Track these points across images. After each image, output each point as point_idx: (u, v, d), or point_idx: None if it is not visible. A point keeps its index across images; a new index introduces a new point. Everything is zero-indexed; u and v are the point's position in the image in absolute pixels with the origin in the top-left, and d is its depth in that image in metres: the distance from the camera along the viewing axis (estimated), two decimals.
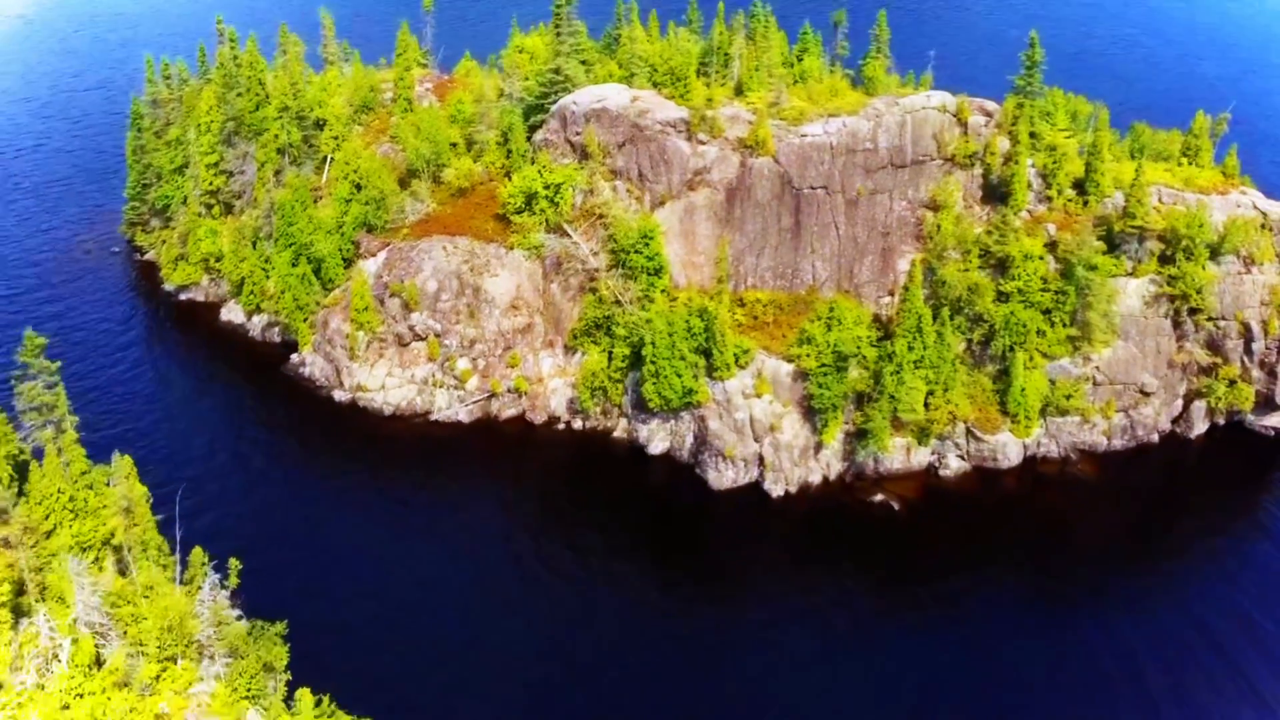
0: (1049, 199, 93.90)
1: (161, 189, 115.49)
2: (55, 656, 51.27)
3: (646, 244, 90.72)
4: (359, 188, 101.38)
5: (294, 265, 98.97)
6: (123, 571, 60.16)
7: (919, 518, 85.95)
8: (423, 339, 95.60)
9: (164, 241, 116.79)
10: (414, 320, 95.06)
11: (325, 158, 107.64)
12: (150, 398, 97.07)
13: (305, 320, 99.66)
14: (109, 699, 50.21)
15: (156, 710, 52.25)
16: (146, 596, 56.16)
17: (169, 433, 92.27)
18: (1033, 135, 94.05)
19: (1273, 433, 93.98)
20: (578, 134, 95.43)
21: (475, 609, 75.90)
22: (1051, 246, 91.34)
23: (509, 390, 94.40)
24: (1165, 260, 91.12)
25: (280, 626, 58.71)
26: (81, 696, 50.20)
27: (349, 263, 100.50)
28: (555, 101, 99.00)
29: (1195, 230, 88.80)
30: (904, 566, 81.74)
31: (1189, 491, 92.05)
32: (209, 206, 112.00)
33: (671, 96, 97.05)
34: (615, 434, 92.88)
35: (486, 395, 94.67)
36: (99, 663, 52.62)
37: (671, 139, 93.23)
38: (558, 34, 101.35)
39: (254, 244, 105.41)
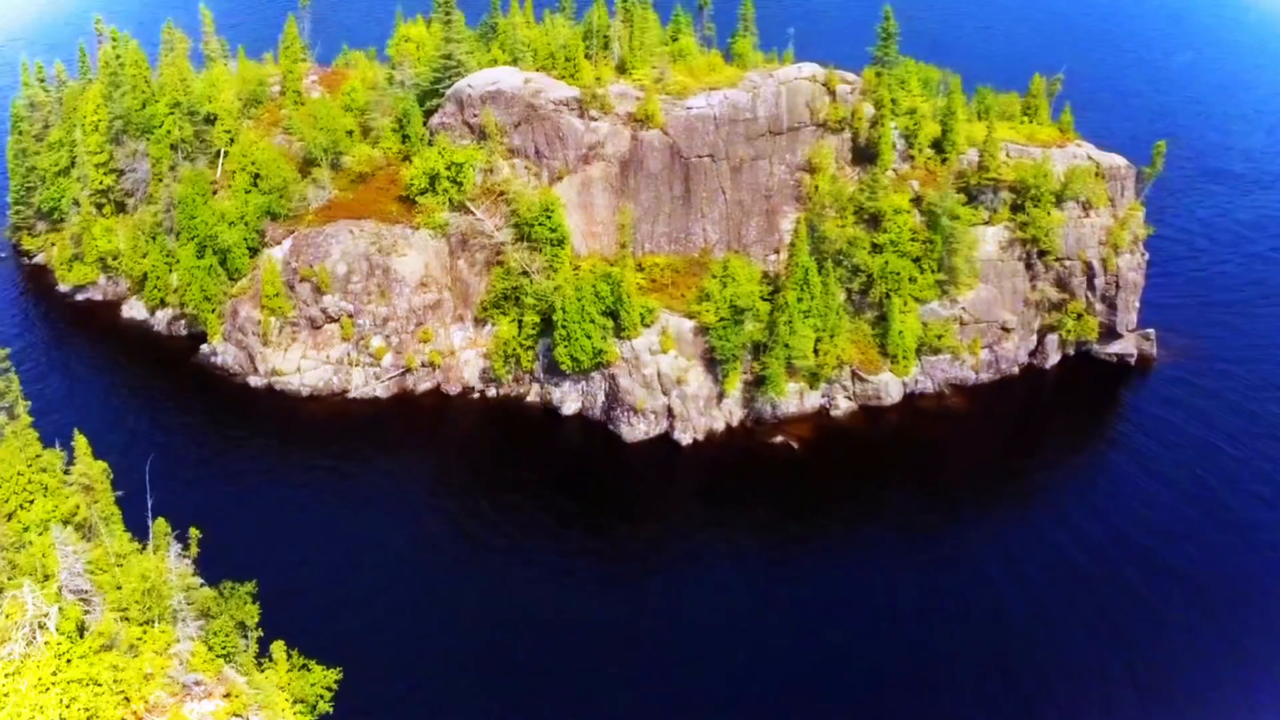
0: (911, 158, 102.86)
1: (47, 191, 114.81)
2: (42, 625, 53.80)
3: (548, 217, 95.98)
4: (258, 178, 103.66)
5: (199, 257, 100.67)
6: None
7: (815, 455, 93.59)
8: (335, 320, 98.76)
9: (53, 244, 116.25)
10: (326, 303, 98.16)
11: (219, 151, 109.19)
12: (61, 398, 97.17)
13: (213, 311, 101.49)
14: (99, 662, 53.06)
15: (143, 670, 55.27)
16: (120, 564, 58.94)
17: (87, 430, 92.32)
18: (892, 101, 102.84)
19: (1115, 359, 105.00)
20: (475, 116, 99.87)
21: (416, 566, 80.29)
22: (916, 201, 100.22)
23: (423, 364, 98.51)
24: (1016, 209, 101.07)
25: (251, 586, 62.09)
26: (71, 661, 52.97)
27: (254, 252, 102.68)
28: (449, 86, 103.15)
29: (1041, 180, 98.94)
30: (805, 499, 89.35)
31: (1048, 415, 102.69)
32: (99, 206, 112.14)
33: (561, 77, 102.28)
34: (529, 399, 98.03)
35: (402, 371, 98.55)
36: (82, 630, 55.25)
37: (565, 117, 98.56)
38: (448, 22, 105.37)
39: (153, 239, 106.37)
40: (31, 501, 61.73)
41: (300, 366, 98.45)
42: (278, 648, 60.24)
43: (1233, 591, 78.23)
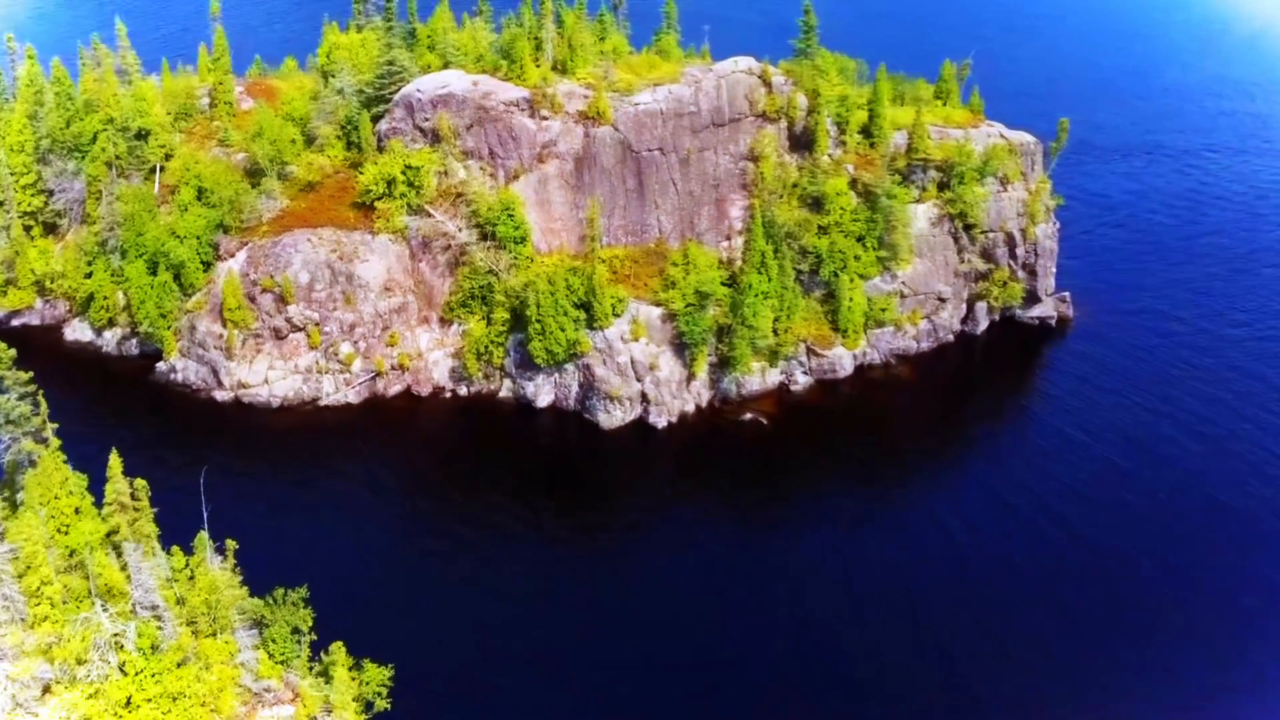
0: (843, 144, 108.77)
1: None
2: (119, 644, 54.15)
3: (510, 216, 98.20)
4: (203, 192, 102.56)
5: (152, 274, 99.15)
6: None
7: (780, 429, 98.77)
8: (301, 329, 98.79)
9: None
10: (291, 312, 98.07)
11: (155, 167, 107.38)
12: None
13: (169, 328, 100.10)
14: (185, 675, 53.86)
15: (222, 681, 56.08)
16: (175, 580, 59.37)
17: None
18: (814, 92, 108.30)
19: (1037, 322, 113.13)
20: (426, 120, 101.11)
21: (404, 564, 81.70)
22: (852, 183, 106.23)
23: (393, 368, 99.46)
24: (942, 186, 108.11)
25: (303, 591, 62.97)
26: (157, 676, 53.58)
27: (207, 266, 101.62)
28: (394, 92, 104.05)
29: (965, 159, 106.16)
30: (775, 470, 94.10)
31: (982, 377, 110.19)
32: (27, 229, 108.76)
33: (507, 79, 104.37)
34: (501, 394, 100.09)
35: (371, 375, 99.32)
36: (154, 646, 55.71)
37: (516, 117, 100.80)
38: (389, 28, 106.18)
39: (94, 259, 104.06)
40: (67, 527, 61.31)
41: (268, 378, 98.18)
42: (337, 648, 61.53)
43: (1141, 506, 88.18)
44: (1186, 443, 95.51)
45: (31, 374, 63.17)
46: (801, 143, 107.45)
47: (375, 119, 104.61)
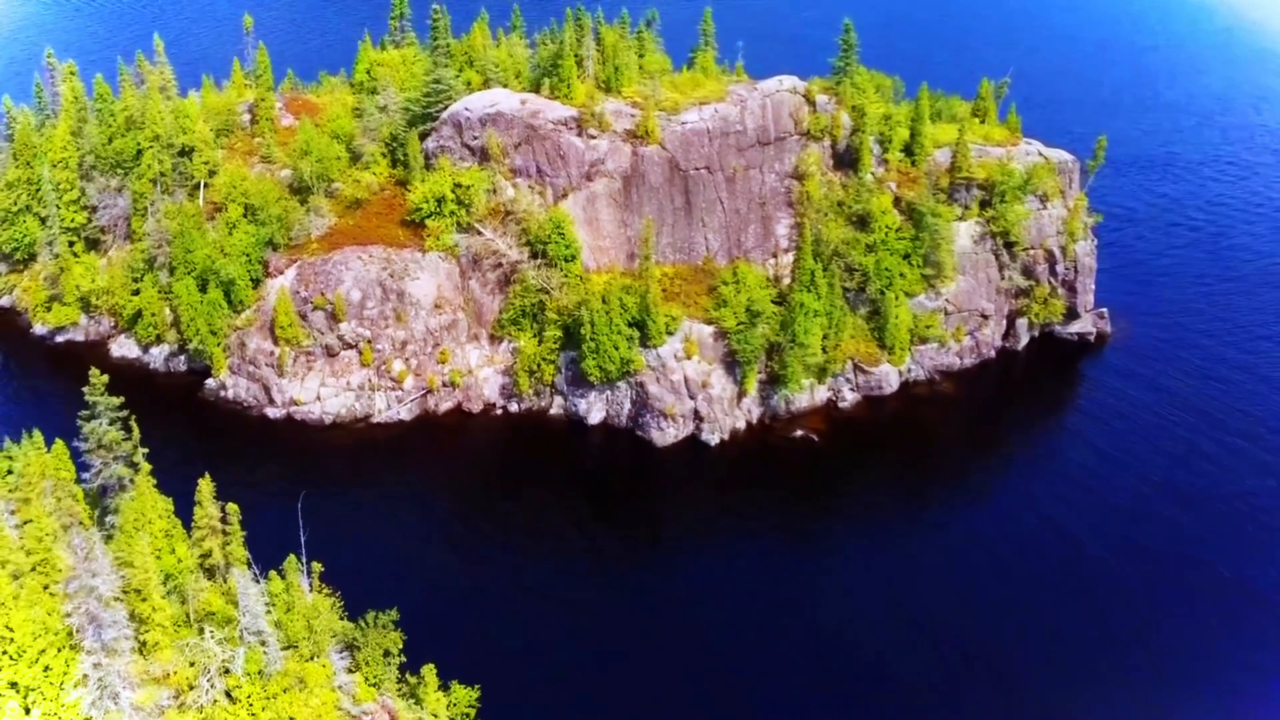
0: (885, 162, 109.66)
1: (7, 231, 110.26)
2: (227, 670, 54.26)
3: (560, 234, 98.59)
4: (249, 209, 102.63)
5: (202, 291, 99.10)
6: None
7: (829, 446, 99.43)
8: (353, 347, 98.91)
9: (13, 285, 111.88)
10: (343, 330, 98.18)
11: (199, 183, 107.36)
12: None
13: (219, 345, 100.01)
14: (296, 700, 54.05)
15: (328, 705, 56.27)
16: (273, 605, 59.46)
17: None
18: (853, 109, 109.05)
19: (1076, 337, 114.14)
20: (475, 138, 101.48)
21: (467, 581, 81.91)
22: (896, 202, 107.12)
23: (444, 384, 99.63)
24: (984, 204, 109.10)
25: (394, 613, 63.09)
26: (275, 698, 53.75)
27: (256, 283, 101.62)
28: (441, 110, 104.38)
29: (1007, 177, 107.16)
30: (825, 486, 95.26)
31: (1022, 392, 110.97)
32: (70, 244, 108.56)
33: (553, 96, 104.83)
34: (552, 411, 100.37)
35: (423, 392, 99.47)
36: (260, 671, 55.84)
37: (564, 135, 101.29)
38: (435, 47, 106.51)
39: (141, 276, 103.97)
40: (160, 552, 61.32)
41: (320, 395, 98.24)
42: (428, 671, 61.85)
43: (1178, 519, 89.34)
44: (1225, 457, 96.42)
45: (123, 399, 63.27)
46: (845, 161, 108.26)
47: (421, 136, 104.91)
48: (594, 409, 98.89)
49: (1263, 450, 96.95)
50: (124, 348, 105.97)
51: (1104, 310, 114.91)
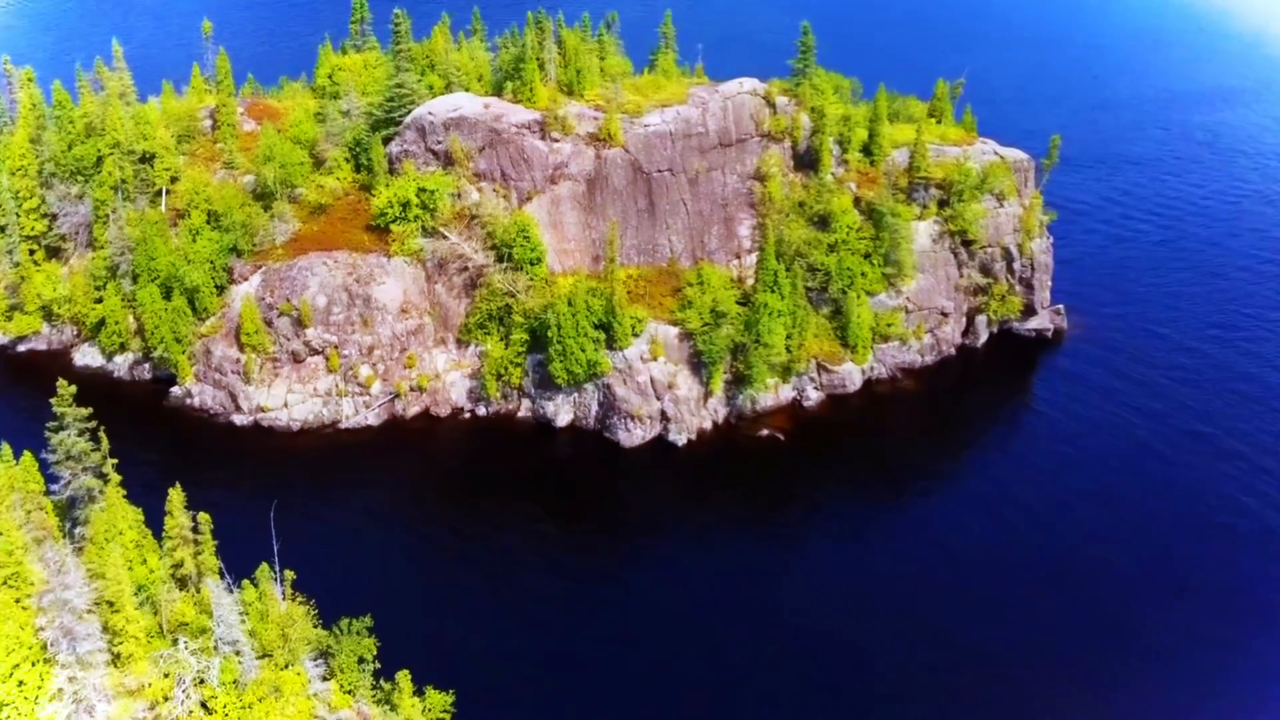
0: (845, 162, 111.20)
1: None
2: (202, 680, 54.55)
3: (525, 237, 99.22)
4: (213, 215, 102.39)
5: (166, 298, 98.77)
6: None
7: (796, 443, 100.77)
8: (319, 353, 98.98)
9: None
10: (309, 336, 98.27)
11: (160, 190, 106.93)
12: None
13: (184, 352, 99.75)
14: (273, 709, 54.46)
15: (305, 713, 56.68)
16: (246, 614, 59.77)
17: None
18: (812, 110, 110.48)
19: (1034, 334, 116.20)
20: (439, 142, 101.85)
21: (437, 585, 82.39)
22: (856, 202, 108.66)
23: (412, 389, 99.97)
24: (942, 204, 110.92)
25: (367, 619, 63.61)
26: (251, 707, 54.12)
27: (220, 289, 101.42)
28: (404, 115, 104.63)
29: (964, 177, 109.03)
30: (790, 484, 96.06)
31: (981, 389, 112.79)
32: (30, 253, 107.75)
33: (516, 100, 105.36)
34: (519, 414, 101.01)
35: (391, 397, 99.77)
36: (235, 680, 56.17)
37: (528, 139, 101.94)
38: (397, 52, 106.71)
39: (104, 284, 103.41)
40: (131, 563, 61.40)
41: (287, 401, 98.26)
42: (403, 676, 62.43)
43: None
44: (1181, 446, 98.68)
45: (90, 410, 63.27)
46: (805, 162, 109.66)
47: (385, 141, 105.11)
48: (561, 411, 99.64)
49: (1219, 438, 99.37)
50: (87, 356, 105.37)
51: (1060, 306, 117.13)
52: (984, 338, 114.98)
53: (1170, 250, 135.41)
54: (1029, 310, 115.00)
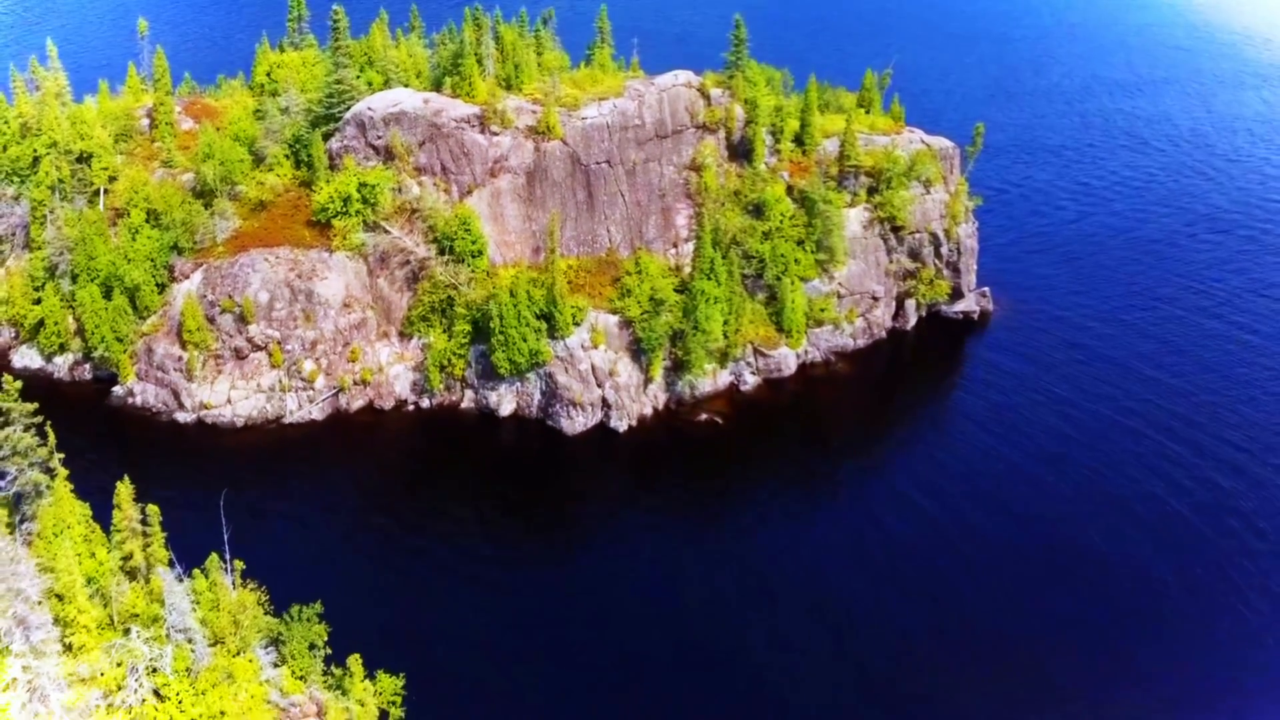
0: (778, 152, 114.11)
1: None
2: (155, 669, 55.82)
3: (467, 230, 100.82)
4: (153, 214, 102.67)
5: (107, 298, 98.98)
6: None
7: (734, 427, 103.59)
8: (262, 349, 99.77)
9: None
10: (252, 332, 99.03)
11: (98, 190, 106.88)
12: None
13: (125, 351, 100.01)
14: (226, 694, 55.90)
15: (258, 699, 58.15)
16: (197, 603, 61.05)
17: None
18: (746, 101, 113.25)
19: (961, 316, 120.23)
20: (379, 138, 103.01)
21: (380, 575, 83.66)
22: (789, 190, 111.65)
23: (355, 383, 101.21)
24: (872, 191, 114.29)
25: (318, 606, 65.14)
26: (203, 694, 55.47)
27: (161, 288, 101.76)
28: (344, 111, 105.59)
29: (892, 165, 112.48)
30: (728, 466, 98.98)
31: (912, 370, 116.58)
32: None
33: (455, 95, 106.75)
34: (463, 405, 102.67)
35: (334, 391, 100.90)
36: (188, 668, 57.47)
37: (468, 133, 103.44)
38: (335, 48, 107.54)
39: (42, 285, 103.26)
40: (81, 556, 62.37)
41: (230, 398, 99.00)
42: (353, 661, 64.14)
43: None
44: (1098, 423, 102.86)
45: (36, 405, 64.01)
46: (740, 152, 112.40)
47: (325, 137, 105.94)
48: (505, 401, 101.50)
49: (1129, 417, 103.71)
50: (26, 358, 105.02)
51: (986, 289, 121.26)
52: (913, 320, 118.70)
53: (1087, 234, 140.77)
54: (956, 293, 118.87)
